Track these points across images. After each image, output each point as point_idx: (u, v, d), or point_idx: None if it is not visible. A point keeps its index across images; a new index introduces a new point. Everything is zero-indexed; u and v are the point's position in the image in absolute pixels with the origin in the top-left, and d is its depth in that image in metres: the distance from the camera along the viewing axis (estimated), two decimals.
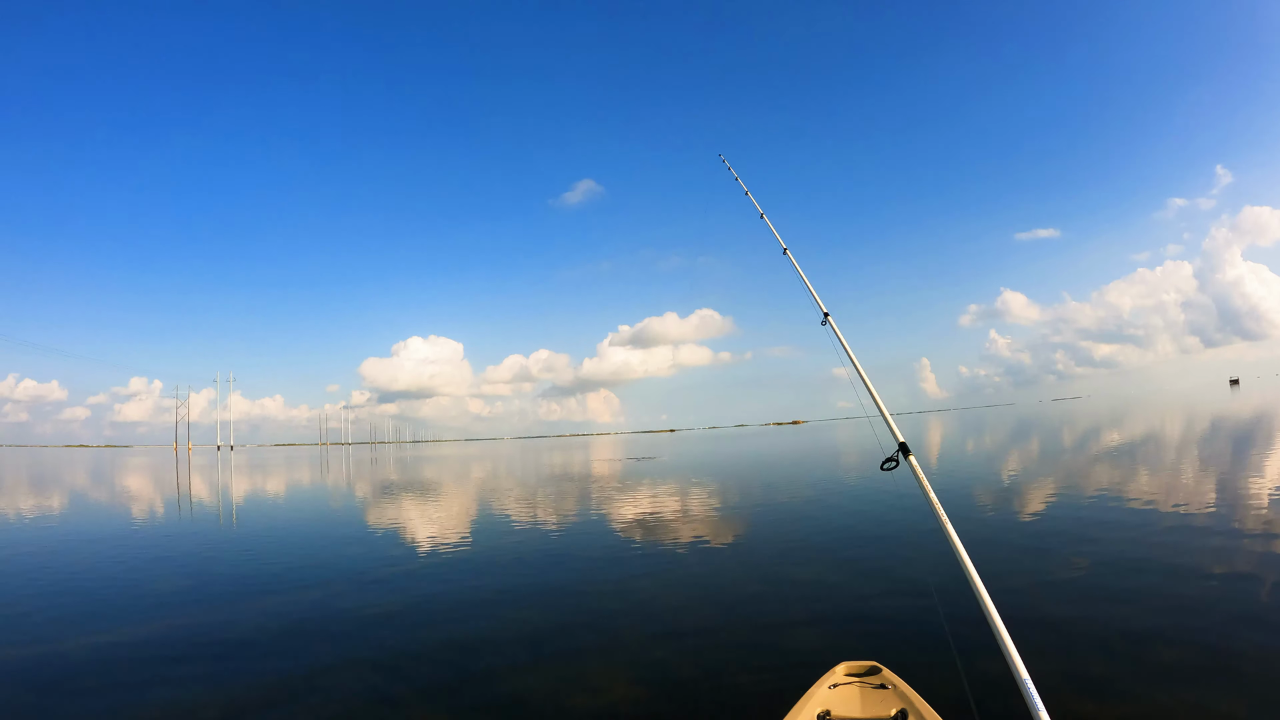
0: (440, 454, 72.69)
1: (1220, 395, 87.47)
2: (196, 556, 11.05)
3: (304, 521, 15.73)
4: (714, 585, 7.51)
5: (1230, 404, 54.69)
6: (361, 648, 5.82)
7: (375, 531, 13.22)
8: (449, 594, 7.65)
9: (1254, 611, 5.53)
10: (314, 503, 20.78)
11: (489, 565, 9.27)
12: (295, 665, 5.44)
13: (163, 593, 8.42)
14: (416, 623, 6.55)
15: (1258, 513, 9.62)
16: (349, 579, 8.71)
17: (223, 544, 12.43)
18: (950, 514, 2.86)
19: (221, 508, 19.32)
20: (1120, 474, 15.16)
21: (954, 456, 25.74)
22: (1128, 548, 7.98)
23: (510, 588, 7.79)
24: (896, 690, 3.18)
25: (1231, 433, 26.08)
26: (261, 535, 13.43)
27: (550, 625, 6.25)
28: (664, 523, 12.00)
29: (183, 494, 24.84)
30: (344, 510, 18.22)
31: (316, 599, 7.72)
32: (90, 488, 30.00)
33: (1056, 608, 5.87)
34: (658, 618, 6.33)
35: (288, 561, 10.17)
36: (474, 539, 11.56)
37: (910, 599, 6.39)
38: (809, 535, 10.39)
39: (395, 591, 7.87)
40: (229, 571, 9.61)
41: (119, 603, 8.00)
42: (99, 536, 13.99)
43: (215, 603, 7.74)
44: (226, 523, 15.83)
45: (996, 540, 8.93)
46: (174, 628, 6.73)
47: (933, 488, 2.96)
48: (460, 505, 17.24)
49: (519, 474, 28.92)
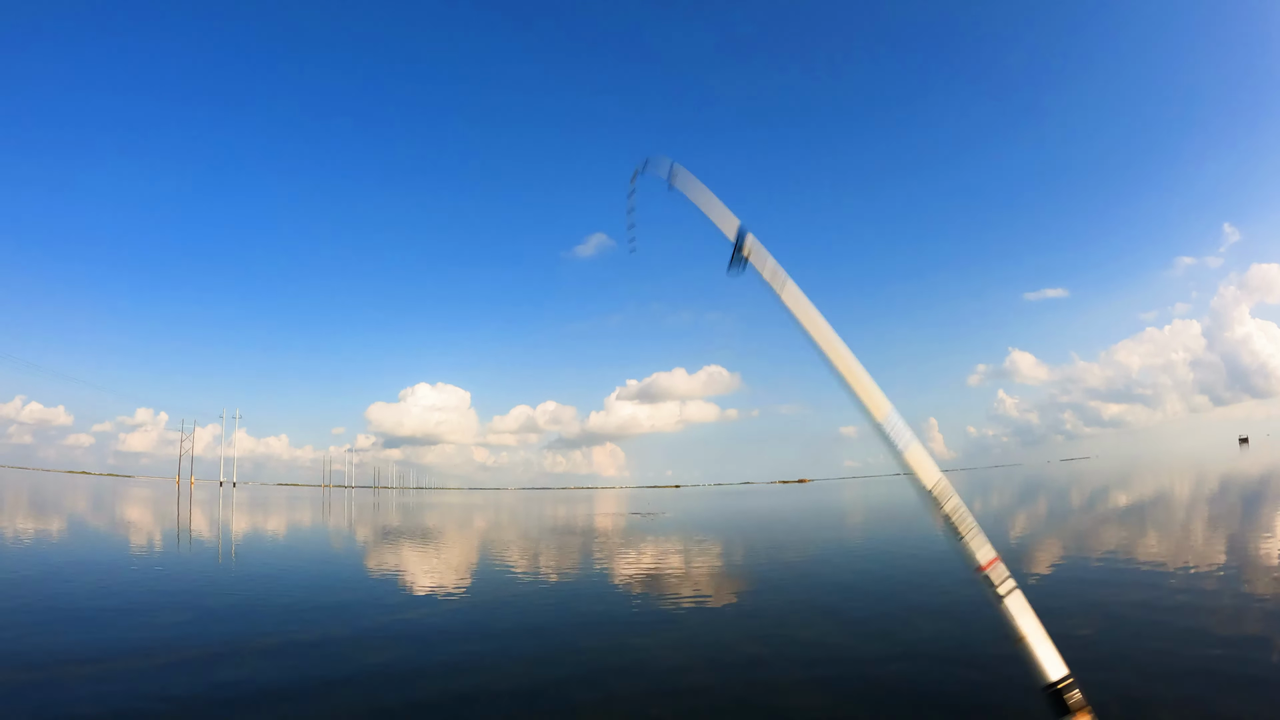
0: (443, 501, 72.33)
1: (1230, 453, 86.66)
2: (195, 593, 10.96)
3: (304, 563, 15.63)
4: (713, 645, 7.43)
5: (1239, 462, 54.19)
6: (358, 695, 5.79)
7: (375, 577, 13.14)
8: (447, 644, 7.60)
9: (1262, 675, 5.49)
10: (314, 544, 20.67)
11: (488, 617, 9.21)
12: (292, 710, 5.42)
13: (161, 626, 8.38)
14: (413, 672, 6.50)
15: (1269, 574, 9.53)
16: (347, 624, 8.65)
17: (222, 581, 12.35)
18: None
19: (221, 544, 19.23)
20: (1128, 535, 15.00)
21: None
22: (1134, 610, 7.89)
23: (508, 641, 7.74)
24: None
25: (1241, 492, 25.83)
26: (261, 575, 13.35)
27: (547, 681, 6.20)
28: (665, 580, 11.90)
29: (183, 528, 24.74)
30: (344, 554, 18.12)
31: (314, 642, 7.67)
32: (92, 515, 29.91)
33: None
34: (655, 677, 6.27)
35: (286, 603, 10.10)
36: (473, 589, 11.48)
37: (911, 663, 6.33)
38: (812, 596, 10.28)
39: (393, 640, 7.82)
40: (228, 610, 9.54)
41: (117, 634, 7.96)
42: (98, 565, 13.94)
43: (213, 641, 7.67)
44: (226, 560, 15.75)
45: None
46: (172, 664, 6.71)
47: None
48: (461, 554, 17.13)
49: (522, 525, 28.75)
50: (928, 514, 2.48)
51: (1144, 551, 12.24)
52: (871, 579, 11.23)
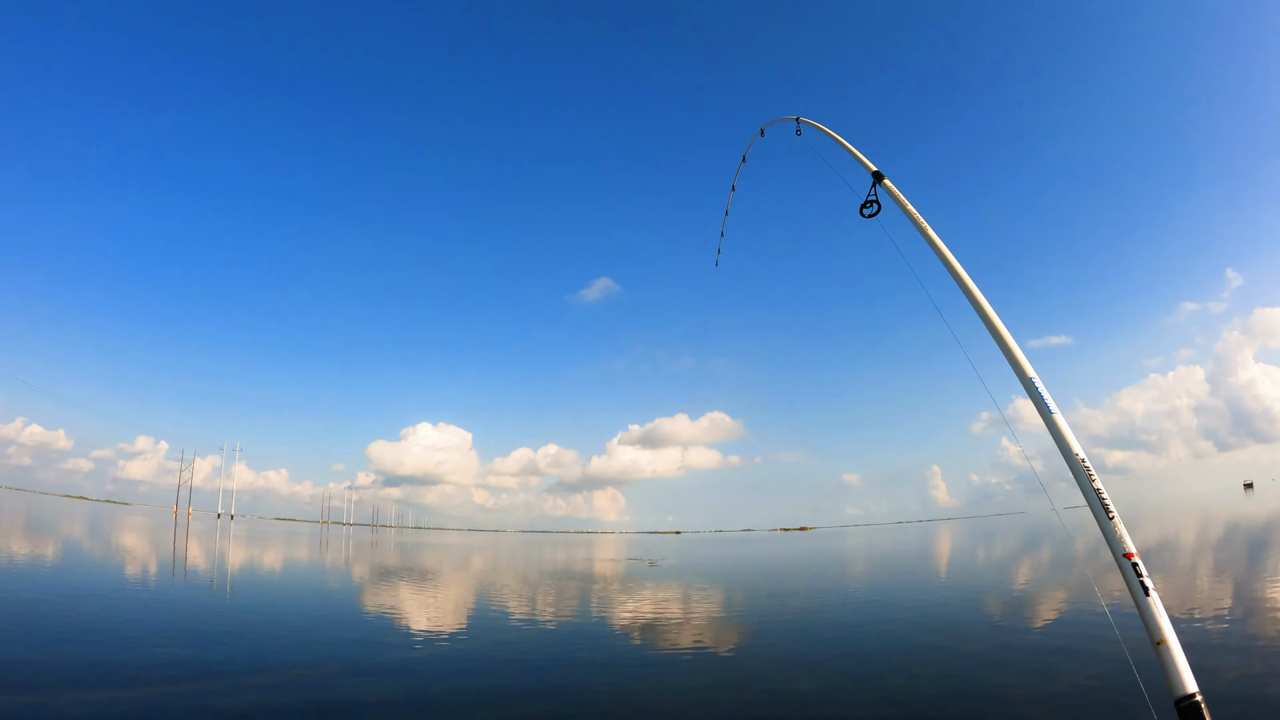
0: (443, 542, 71.74)
1: (1234, 498, 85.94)
2: (193, 625, 10.93)
3: (302, 599, 15.52)
4: (711, 692, 7.39)
5: (1244, 507, 53.76)
6: None
7: (374, 617, 13.06)
8: (446, 688, 7.56)
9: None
10: (313, 581, 20.53)
11: (487, 660, 9.16)
12: None
13: (158, 657, 8.39)
14: (415, 713, 6.48)
15: (1275, 619, 9.50)
16: (346, 664, 8.60)
17: (219, 615, 12.29)
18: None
19: (218, 577, 19.11)
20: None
21: (964, 565, 25.38)
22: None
23: (507, 685, 7.70)
24: None
25: (1245, 537, 25.63)
26: (258, 610, 13.26)
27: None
28: (664, 626, 11.83)
29: (180, 559, 24.60)
30: (343, 592, 17.99)
31: (313, 682, 7.64)
32: (91, 542, 29.83)
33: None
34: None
35: (285, 640, 10.06)
36: (472, 632, 11.41)
37: (905, 710, 6.32)
38: (810, 646, 10.20)
39: (392, 681, 7.78)
40: (225, 643, 9.51)
41: (115, 663, 7.96)
42: (95, 591, 13.95)
43: (211, 675, 7.66)
44: (225, 592, 15.66)
45: (1008, 644, 8.80)
46: (169, 695, 6.71)
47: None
48: (460, 596, 17.01)
49: (521, 569, 28.57)
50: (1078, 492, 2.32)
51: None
52: (867, 632, 11.14)
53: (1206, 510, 56.63)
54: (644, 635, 10.73)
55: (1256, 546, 21.81)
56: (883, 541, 50.43)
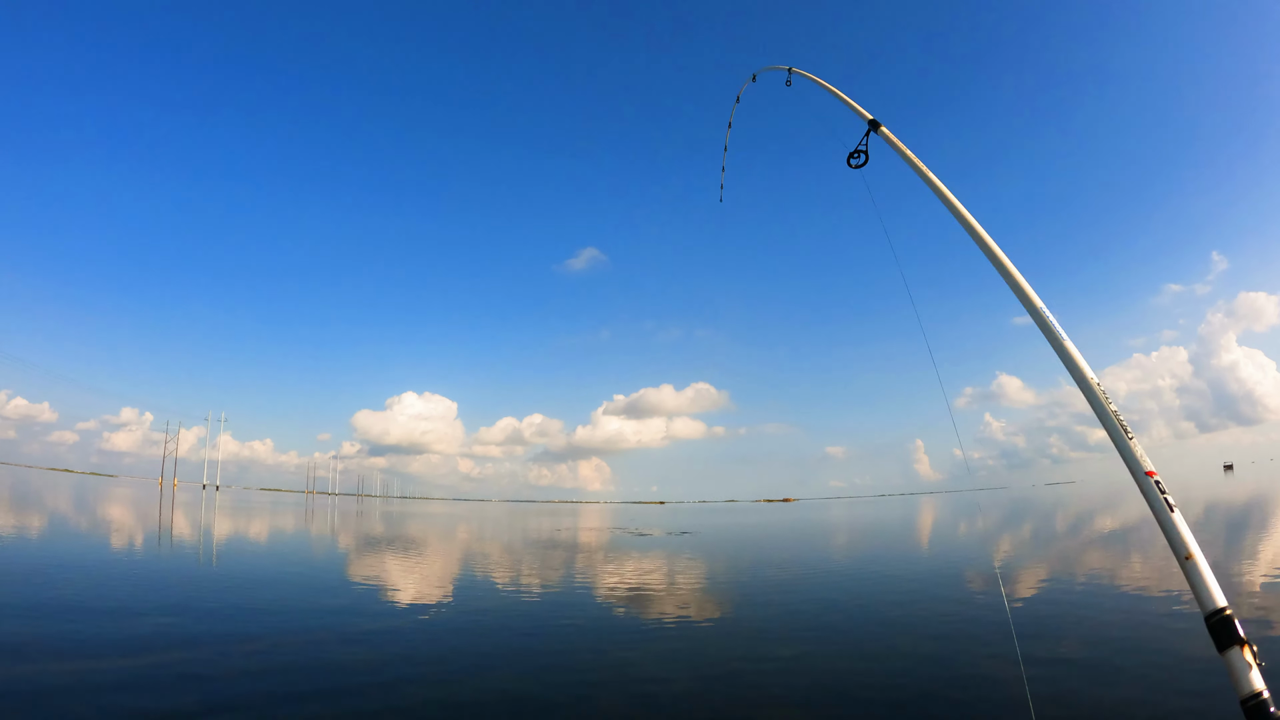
0: (428, 511, 71.90)
1: (1214, 480, 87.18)
2: (178, 595, 10.89)
3: (287, 568, 15.51)
4: (695, 659, 7.44)
5: (1223, 489, 54.55)
6: (342, 703, 5.79)
7: (359, 586, 13.06)
8: (430, 655, 7.57)
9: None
10: (298, 550, 20.52)
11: (472, 628, 9.18)
12: (276, 716, 5.41)
13: (144, 628, 8.35)
14: (398, 682, 6.48)
15: (1250, 600, 9.62)
16: (331, 632, 8.61)
17: (204, 584, 12.25)
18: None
19: (203, 547, 19.06)
20: (1112, 560, 15.09)
21: (947, 539, 25.63)
22: (1113, 631, 7.94)
23: (492, 652, 7.73)
24: None
25: (1224, 518, 25.99)
26: (243, 579, 13.22)
27: (529, 693, 6.21)
28: (648, 595, 11.89)
29: (164, 530, 24.52)
30: (328, 561, 17.99)
31: (300, 650, 7.63)
32: (76, 514, 29.65)
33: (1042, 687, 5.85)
34: (637, 691, 6.28)
35: (270, 608, 10.05)
36: (457, 600, 11.44)
37: (885, 678, 6.39)
38: (792, 613, 10.30)
39: (377, 649, 7.78)
40: (210, 613, 9.49)
41: (100, 634, 7.92)
42: (80, 564, 13.85)
43: (196, 644, 7.63)
44: (208, 563, 15.61)
45: (983, 620, 8.90)
46: (154, 665, 6.68)
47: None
48: (446, 565, 17.06)
49: (507, 538, 28.63)
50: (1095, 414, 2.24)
51: (1126, 577, 12.32)
52: (852, 597, 11.25)
53: (1186, 491, 57.43)
54: (627, 603, 10.79)
55: (1234, 529, 22.13)
56: (865, 514, 50.97)
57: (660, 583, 13.19)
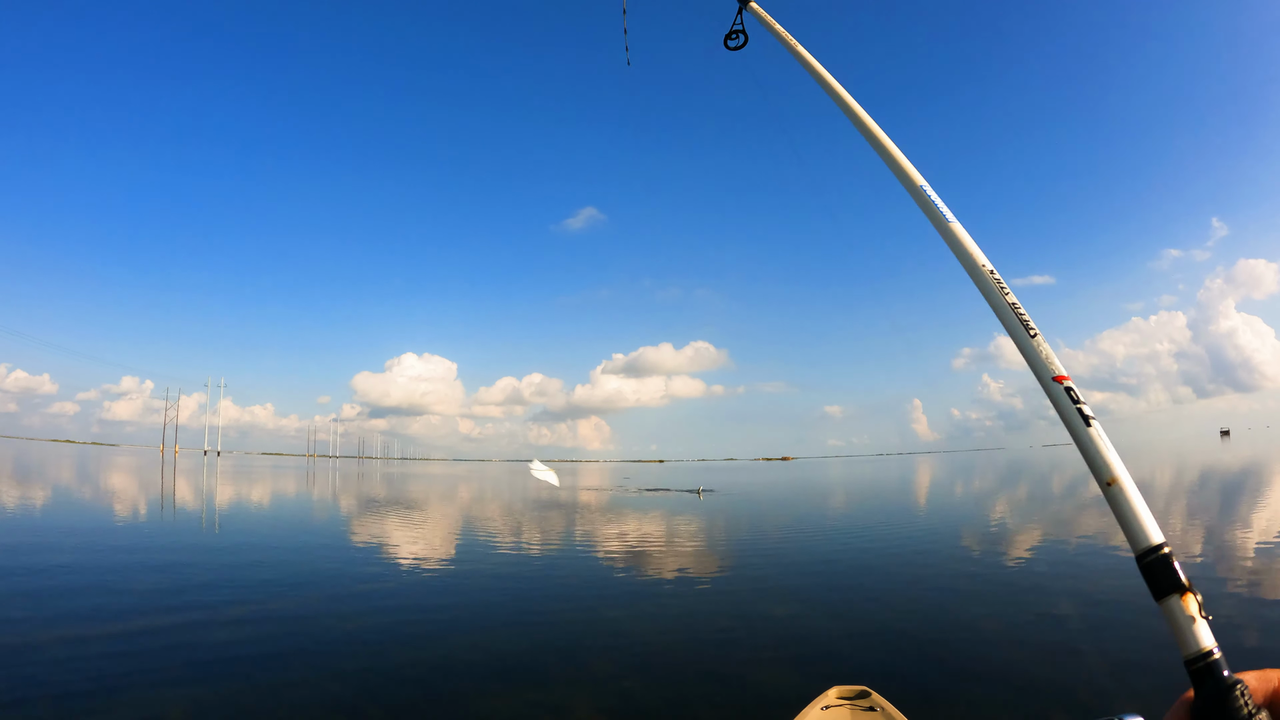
0: (428, 472, 72.31)
1: (1211, 446, 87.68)
2: (175, 560, 10.96)
3: (285, 532, 15.56)
4: (687, 619, 7.43)
5: (1220, 455, 54.80)
6: (333, 661, 5.78)
7: (355, 547, 13.11)
8: (424, 613, 7.58)
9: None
10: (297, 514, 20.61)
11: (466, 587, 9.20)
12: (266, 675, 5.39)
13: (139, 593, 8.36)
14: (389, 640, 6.48)
15: (1243, 564, 9.64)
16: (325, 592, 8.65)
17: (202, 549, 12.32)
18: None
19: (204, 513, 19.14)
20: (1106, 522, 15.11)
21: (943, 499, 25.76)
22: (1109, 593, 7.94)
23: (484, 611, 7.73)
24: (885, 713, 3.36)
25: (1220, 485, 26.10)
26: (241, 543, 13.27)
27: (521, 651, 6.19)
28: (643, 555, 11.92)
29: (166, 497, 24.61)
30: (326, 523, 18.07)
31: (291, 611, 7.65)
32: (75, 484, 29.79)
33: (1030, 645, 5.84)
34: (628, 649, 6.26)
35: (266, 572, 10.06)
36: (453, 560, 11.47)
37: (879, 638, 6.40)
38: (786, 573, 10.30)
39: (371, 608, 7.80)
40: (206, 576, 9.53)
41: (96, 599, 7.94)
42: (79, 531, 13.96)
43: (191, 607, 7.64)
44: (208, 527, 15.67)
45: (978, 576, 8.92)
46: (148, 630, 6.65)
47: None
48: (442, 526, 17.12)
49: (505, 498, 28.75)
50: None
51: (1120, 539, 12.32)
52: (844, 560, 11.25)
53: (1182, 456, 57.73)
54: (621, 563, 10.80)
55: (1229, 494, 22.24)
56: (863, 473, 51.07)
57: (657, 542, 13.18)
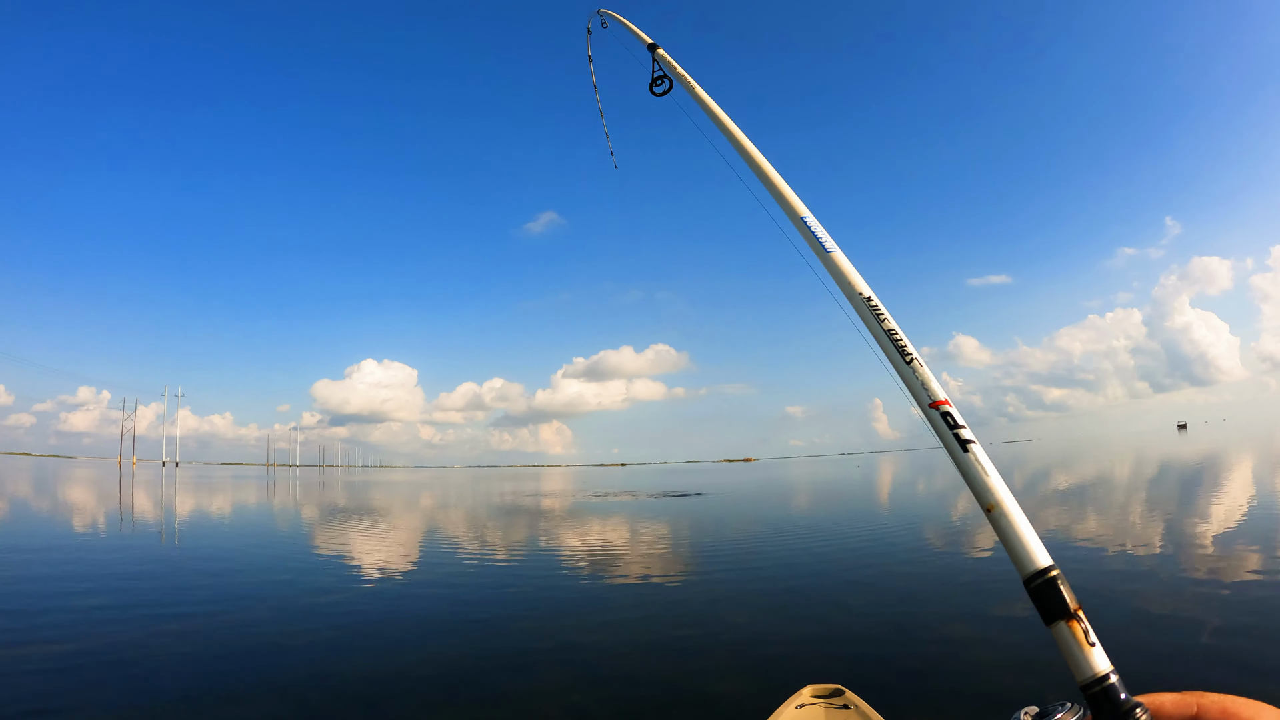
0: (389, 480, 71.43)
1: (1168, 439, 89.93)
2: (121, 574, 10.63)
3: (238, 545, 15.06)
4: (641, 628, 7.20)
5: (1178, 448, 56.18)
6: (273, 676, 5.56)
7: (308, 558, 12.73)
8: (371, 626, 7.30)
9: (1195, 649, 5.62)
10: (252, 525, 20.06)
11: (416, 598, 8.91)
12: (203, 694, 5.14)
13: (81, 608, 8.06)
14: (333, 655, 6.22)
15: (1202, 554, 9.75)
16: (271, 606, 8.38)
17: (151, 563, 11.90)
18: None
19: (158, 526, 18.53)
20: (1067, 517, 15.24)
21: (906, 495, 25.96)
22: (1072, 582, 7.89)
23: (434, 623, 7.50)
24: (859, 711, 3.35)
25: (1178, 477, 26.66)
26: (192, 556, 12.85)
27: (469, 664, 5.96)
28: (600, 561, 11.65)
29: (122, 510, 23.89)
30: (281, 535, 17.58)
31: (235, 624, 7.36)
32: (30, 498, 29.00)
33: (990, 637, 5.75)
34: (580, 661, 6.05)
35: (214, 585, 9.75)
36: (406, 570, 11.13)
37: (837, 645, 6.30)
38: (748, 579, 10.09)
39: (317, 621, 7.53)
40: (151, 591, 9.22)
41: (35, 615, 7.70)
42: (27, 547, 13.53)
43: (133, 622, 7.38)
44: (158, 542, 15.13)
45: (931, 577, 8.86)
46: (84, 650, 6.34)
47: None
48: (398, 535, 16.70)
49: (467, 505, 28.36)
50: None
51: (1083, 532, 12.40)
52: (804, 565, 11.13)
53: (1141, 450, 59.10)
54: (580, 571, 10.58)
55: (1187, 487, 22.71)
56: (839, 474, 51.23)
57: (614, 547, 12.97)
